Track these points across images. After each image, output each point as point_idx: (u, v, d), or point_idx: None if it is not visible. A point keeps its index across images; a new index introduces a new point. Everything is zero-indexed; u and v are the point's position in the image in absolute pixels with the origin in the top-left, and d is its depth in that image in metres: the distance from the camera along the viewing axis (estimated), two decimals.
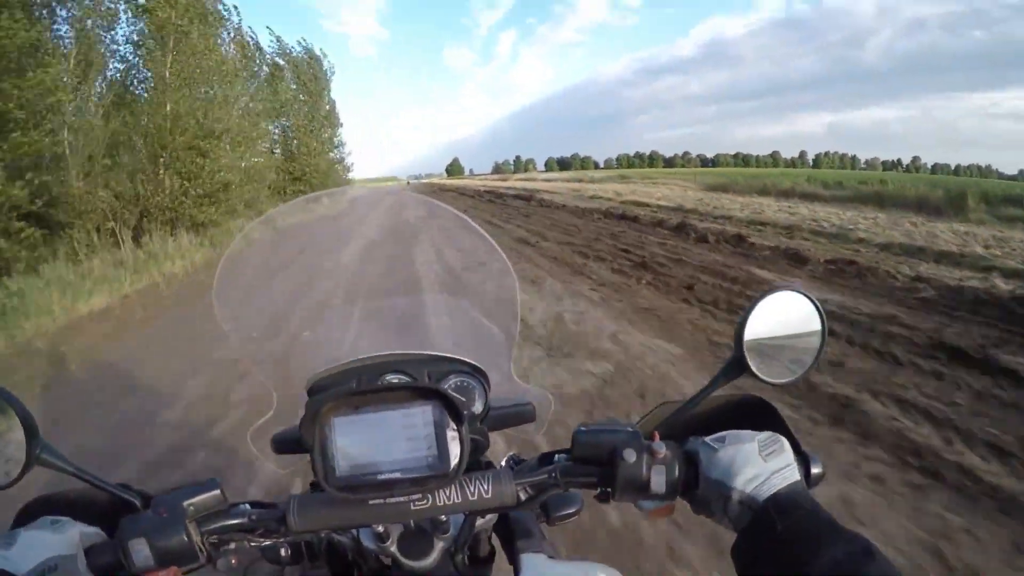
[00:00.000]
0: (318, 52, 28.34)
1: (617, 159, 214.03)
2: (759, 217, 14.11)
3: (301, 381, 0.94)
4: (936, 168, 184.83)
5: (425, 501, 0.67)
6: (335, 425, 0.63)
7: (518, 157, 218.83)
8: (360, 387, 0.67)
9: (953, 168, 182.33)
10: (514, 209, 18.89)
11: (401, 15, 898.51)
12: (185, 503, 0.64)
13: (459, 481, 0.68)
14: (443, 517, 0.74)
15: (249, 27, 20.81)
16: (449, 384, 0.94)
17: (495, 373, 0.97)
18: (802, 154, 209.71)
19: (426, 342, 1.01)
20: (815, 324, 0.74)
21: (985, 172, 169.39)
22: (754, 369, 0.71)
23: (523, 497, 0.71)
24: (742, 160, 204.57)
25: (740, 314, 0.72)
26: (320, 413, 0.63)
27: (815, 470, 0.68)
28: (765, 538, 0.58)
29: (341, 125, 30.21)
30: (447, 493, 0.67)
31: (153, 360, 5.09)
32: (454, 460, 0.64)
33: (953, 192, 16.81)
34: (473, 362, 0.95)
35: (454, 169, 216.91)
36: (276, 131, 25.44)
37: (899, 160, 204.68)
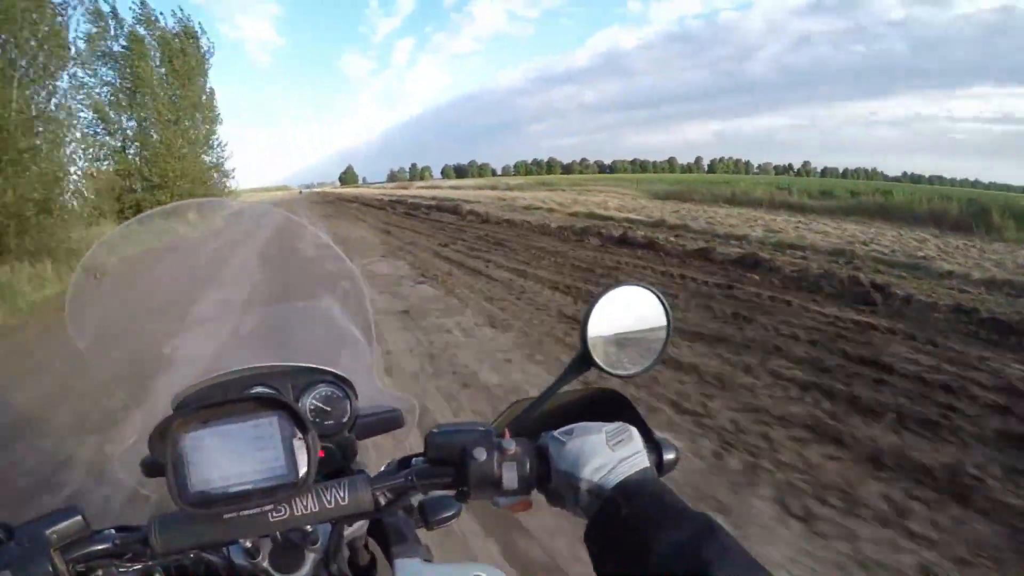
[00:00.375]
0: (196, 27, 21.71)
1: (515, 166, 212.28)
2: (785, 238, 11.27)
3: (167, 399, 0.91)
4: (826, 171, 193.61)
5: (282, 512, 0.67)
6: (185, 440, 0.63)
7: (414, 165, 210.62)
8: (204, 402, 0.66)
9: (841, 171, 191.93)
10: (456, 228, 14.59)
11: (297, 21, 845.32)
12: (47, 532, 0.64)
13: (316, 490, 0.68)
14: (308, 528, 0.75)
15: None
16: (315, 394, 0.92)
17: (360, 381, 0.97)
18: (697, 160, 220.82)
19: (291, 353, 0.98)
20: (660, 317, 0.78)
21: (871, 175, 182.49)
22: (600, 363, 0.75)
23: (382, 502, 0.72)
24: (639, 166, 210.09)
25: (583, 310, 0.72)
26: (170, 429, 0.63)
27: (668, 456, 0.72)
28: (612, 524, 0.60)
29: (220, 121, 23.10)
30: (303, 502, 0.68)
31: None
32: (302, 469, 0.65)
33: (971, 207, 15.47)
34: (338, 372, 0.94)
35: (348, 178, 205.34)
36: (131, 124, 19.45)
37: (790, 164, 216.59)
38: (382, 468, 0.79)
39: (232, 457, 0.64)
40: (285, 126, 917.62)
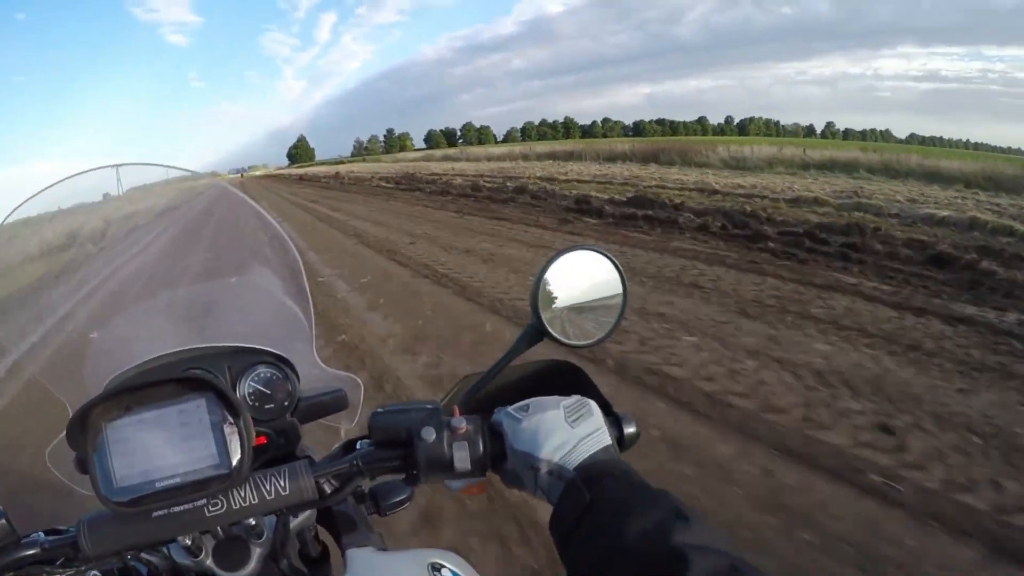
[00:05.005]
0: None
1: (523, 129, 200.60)
2: None
3: (97, 388, 0.94)
4: (848, 133, 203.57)
5: (219, 506, 0.69)
6: (107, 430, 0.65)
7: (390, 131, 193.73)
8: (122, 385, 0.69)
9: (860, 132, 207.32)
10: None
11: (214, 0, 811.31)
12: None
13: (254, 480, 0.71)
14: (251, 521, 0.77)
15: None
16: (254, 376, 0.96)
17: (301, 361, 1.02)
18: (728, 119, 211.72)
19: (227, 334, 1.04)
20: (615, 283, 0.82)
21: (886, 136, 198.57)
22: (554, 333, 0.80)
23: (328, 490, 0.75)
24: (669, 127, 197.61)
25: (534, 277, 0.81)
26: (89, 419, 0.64)
27: (628, 430, 0.76)
28: (577, 509, 0.62)
29: None
30: (241, 494, 0.70)
31: None
32: (235, 457, 0.67)
33: None
34: (278, 351, 0.99)
35: (301, 153, 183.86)
36: None
37: (812, 125, 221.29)
38: (329, 453, 0.85)
39: (159, 447, 0.65)
40: (209, 109, 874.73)
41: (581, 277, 0.79)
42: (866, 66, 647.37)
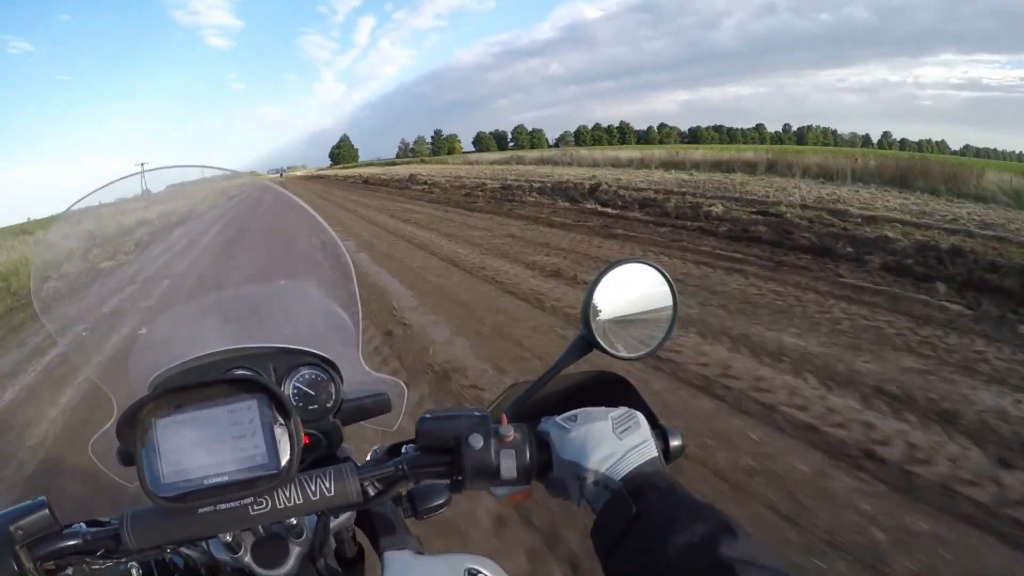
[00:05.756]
0: None
1: (577, 133, 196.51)
2: None
3: (142, 383, 0.95)
4: (904, 144, 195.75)
5: (264, 505, 0.68)
6: (156, 428, 0.65)
7: (438, 132, 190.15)
8: (175, 384, 0.67)
9: (916, 142, 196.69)
10: None
11: (255, 4, 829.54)
12: (12, 527, 0.65)
13: (299, 480, 0.70)
14: (292, 520, 0.77)
15: None
16: (299, 377, 0.96)
17: (346, 363, 1.01)
18: (786, 127, 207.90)
19: (273, 334, 1.04)
20: (665, 296, 0.81)
21: (942, 148, 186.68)
22: (603, 345, 0.80)
23: (372, 492, 0.74)
24: (727, 133, 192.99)
25: (586, 288, 0.79)
26: (139, 415, 0.64)
27: (674, 443, 0.75)
28: (623, 521, 0.62)
29: None
30: (286, 494, 0.69)
31: None
32: (285, 458, 0.66)
33: None
34: (322, 353, 0.98)
35: (344, 154, 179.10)
36: None
37: (868, 135, 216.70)
38: (368, 455, 0.84)
39: (208, 445, 0.65)
40: (246, 110, 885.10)
41: (632, 290, 0.80)
42: (906, 74, 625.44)
